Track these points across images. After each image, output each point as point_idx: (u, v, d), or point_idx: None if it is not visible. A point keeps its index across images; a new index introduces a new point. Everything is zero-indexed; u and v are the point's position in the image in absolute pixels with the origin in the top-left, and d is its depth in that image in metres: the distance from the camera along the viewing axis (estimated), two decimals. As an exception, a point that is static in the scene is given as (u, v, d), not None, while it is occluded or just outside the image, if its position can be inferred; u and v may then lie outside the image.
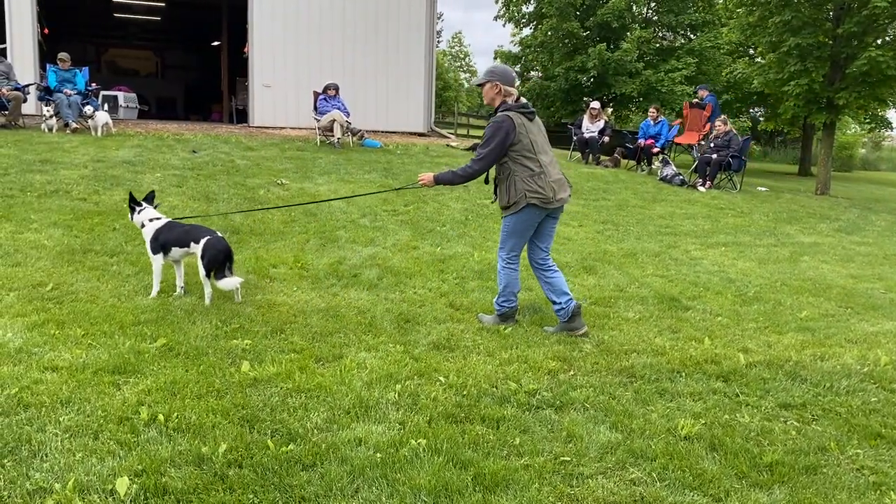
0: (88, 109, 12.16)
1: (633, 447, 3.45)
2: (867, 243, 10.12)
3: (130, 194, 5.73)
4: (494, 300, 5.41)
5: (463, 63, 56.45)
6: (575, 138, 16.09)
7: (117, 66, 25.78)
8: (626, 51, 24.79)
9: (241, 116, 17.93)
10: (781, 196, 14.33)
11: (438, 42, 55.04)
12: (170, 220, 5.60)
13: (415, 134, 17.12)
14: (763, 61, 19.34)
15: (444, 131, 19.50)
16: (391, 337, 4.84)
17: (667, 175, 13.82)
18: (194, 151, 11.35)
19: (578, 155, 15.95)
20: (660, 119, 15.44)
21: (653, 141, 15.10)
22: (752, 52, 24.87)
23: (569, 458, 3.30)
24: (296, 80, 15.72)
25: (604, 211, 10.50)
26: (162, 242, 5.39)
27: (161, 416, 3.42)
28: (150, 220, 5.50)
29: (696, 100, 16.28)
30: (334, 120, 12.89)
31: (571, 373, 4.43)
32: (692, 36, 28.59)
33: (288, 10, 15.99)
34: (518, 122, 5.00)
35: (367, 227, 8.07)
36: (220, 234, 5.42)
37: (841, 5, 16.03)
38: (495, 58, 30.71)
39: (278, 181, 9.73)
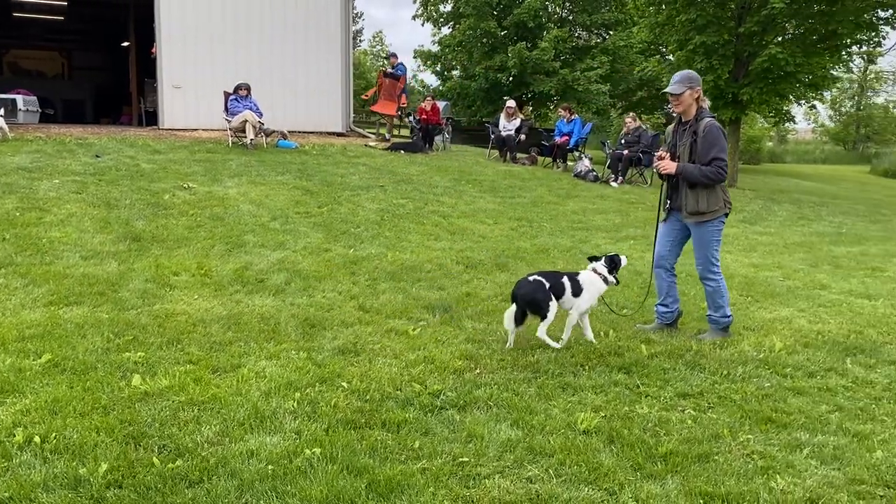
0: (-20, 114, 11.48)
1: (532, 444, 3.45)
2: (769, 233, 10.55)
3: None
4: (712, 315, 5.32)
5: (385, 63, 56.17)
6: (492, 136, 16.21)
7: (19, 68, 24.47)
8: (544, 50, 25.14)
9: (152, 119, 17.31)
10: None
11: (360, 41, 54.68)
12: None
13: (333, 134, 16.89)
14: (672, 59, 19.95)
15: (365, 131, 19.33)
16: (295, 343, 4.72)
17: (581, 171, 14.08)
18: (97, 156, 10.88)
19: (496, 153, 16.07)
20: (573, 118, 15.72)
21: (567, 138, 15.36)
22: (663, 50, 25.61)
23: (467, 459, 3.27)
24: (207, 81, 15.25)
25: (519, 208, 10.59)
26: None
27: (38, 438, 3.22)
28: None
29: (390, 69, 16.15)
30: (246, 120, 12.57)
31: (477, 371, 4.42)
32: (606, 35, 29.27)
33: (198, 8, 15.52)
34: None
35: (278, 230, 7.88)
36: None
37: (742, 5, 16.69)
38: (415, 57, 30.63)
39: (184, 185, 9.41)
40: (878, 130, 47.58)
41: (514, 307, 4.86)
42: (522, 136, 15.75)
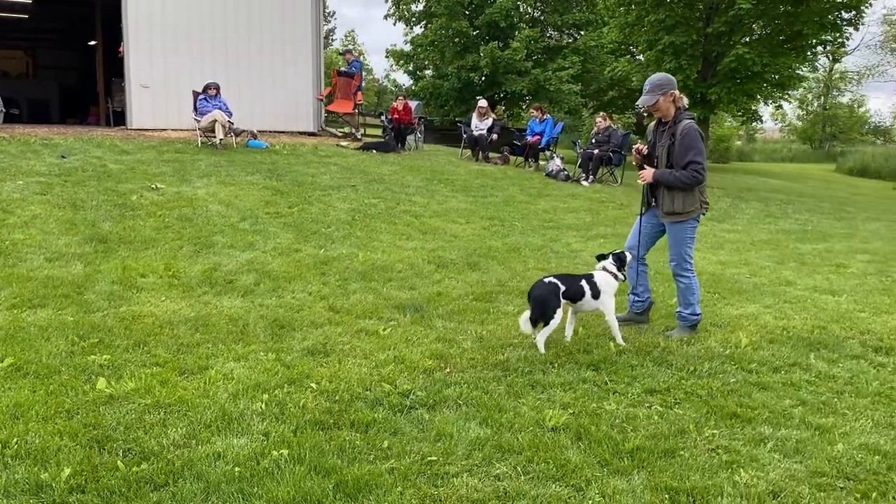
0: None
1: (500, 442, 3.47)
2: (737, 231, 10.70)
3: None
4: (682, 311, 5.38)
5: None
6: (465, 136, 16.23)
7: (-18, 67, 23.99)
8: (516, 50, 25.24)
9: (120, 119, 17.05)
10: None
11: (332, 40, 54.42)
12: None
13: (304, 133, 16.78)
14: (642, 59, 20.17)
15: (336, 131, 19.24)
16: (263, 345, 4.69)
17: (552, 170, 14.16)
18: (63, 157, 10.69)
19: (468, 152, 16.09)
20: (545, 117, 15.81)
21: (539, 138, 15.44)
22: (633, 50, 25.87)
23: (436, 458, 3.28)
24: (177, 80, 15.05)
25: (491, 207, 10.63)
26: None
27: (-2, 444, 3.16)
28: None
29: (344, 67, 16.11)
30: (215, 120, 12.45)
31: (448, 370, 4.43)
32: (577, 35, 29.47)
33: (166, 7, 15.32)
34: None
35: (247, 230, 7.82)
36: None
37: (710, 5, 16.94)
38: (387, 56, 30.58)
39: (153, 185, 9.30)
40: (844, 129, 48.49)
41: (528, 312, 4.86)
42: (494, 136, 15.79)
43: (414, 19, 30.15)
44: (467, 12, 27.14)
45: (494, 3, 26.19)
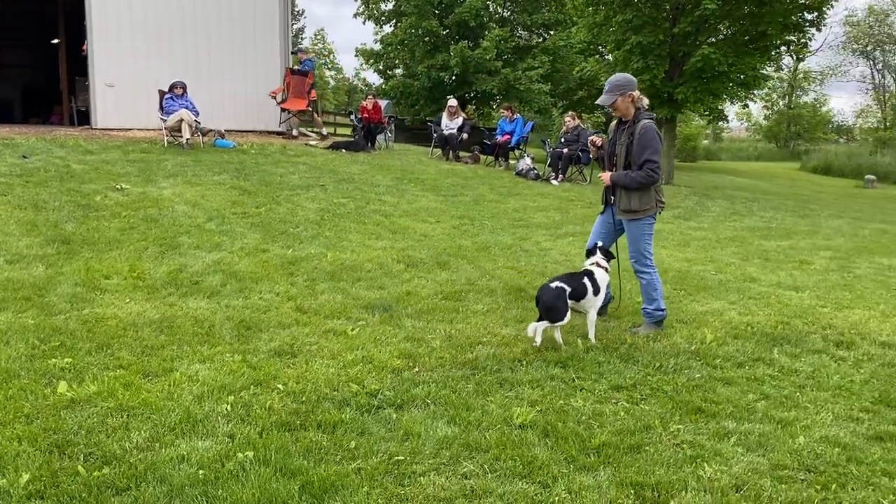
0: None
1: (468, 440, 3.47)
2: (703, 228, 10.84)
3: None
4: (647, 308, 5.43)
5: (327, 60, 55.71)
6: (435, 135, 16.23)
7: (-60, 66, 23.41)
8: (486, 49, 25.30)
9: (84, 118, 16.76)
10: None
11: (301, 39, 54.00)
12: None
13: (273, 133, 16.65)
14: (611, 59, 20.33)
15: (306, 130, 19.11)
16: (229, 346, 4.64)
17: (522, 169, 14.22)
18: (25, 157, 10.48)
19: (439, 152, 16.10)
20: (515, 117, 15.87)
21: (509, 137, 15.49)
22: (602, 50, 26.06)
23: (403, 458, 3.27)
24: (142, 79, 14.83)
25: (461, 206, 10.64)
26: None
27: (-46, 451, 3.09)
28: None
29: (297, 65, 16.00)
30: (182, 120, 12.30)
31: (416, 370, 4.42)
32: (546, 35, 29.64)
33: (132, 4, 15.09)
34: None
35: (214, 231, 7.73)
36: None
37: (676, 6, 17.12)
38: (356, 55, 30.47)
39: (117, 186, 9.15)
40: (808, 128, 49.38)
41: (534, 324, 4.89)
42: (465, 135, 15.82)
43: (384, 18, 30.08)
44: (437, 11, 27.16)
45: (464, 2, 26.23)
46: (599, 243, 5.50)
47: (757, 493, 3.12)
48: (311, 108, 15.68)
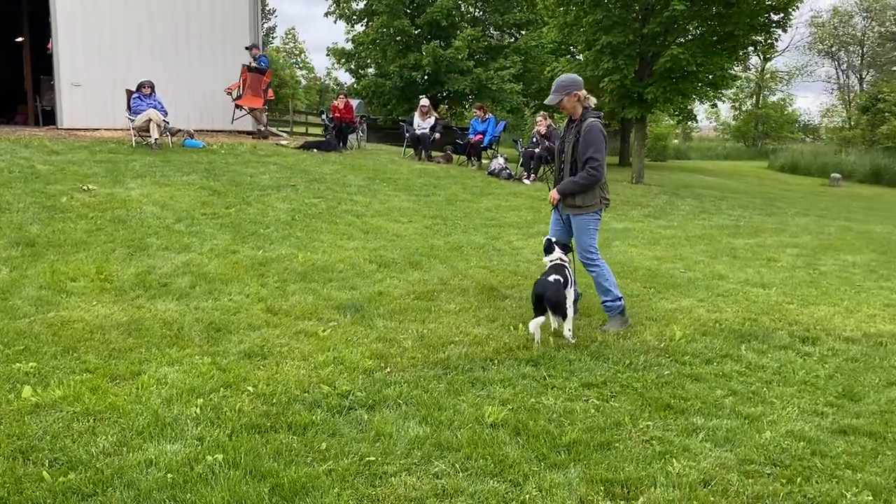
0: None
1: (440, 440, 3.47)
2: (672, 227, 10.96)
3: None
4: (605, 301, 5.50)
5: (299, 59, 55.39)
6: (407, 135, 16.21)
7: None
8: (458, 49, 25.32)
9: (49, 118, 16.46)
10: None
11: (273, 38, 53.62)
12: None
13: (244, 133, 16.50)
14: (581, 59, 20.45)
15: (277, 130, 18.97)
16: (199, 348, 4.60)
17: (495, 169, 14.27)
18: (-13, 157, 10.26)
19: (411, 151, 16.08)
20: (487, 116, 15.91)
21: (481, 137, 15.53)
22: (573, 50, 26.21)
23: (375, 458, 3.26)
24: (109, 79, 14.61)
25: (433, 206, 10.63)
26: None
27: (-87, 459, 3.02)
28: None
29: (252, 60, 15.61)
30: (150, 119, 12.13)
31: (388, 370, 4.41)
32: (518, 35, 29.75)
33: (99, 1, 14.85)
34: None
35: (183, 232, 7.64)
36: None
37: (646, 6, 17.27)
38: (328, 54, 30.31)
39: (84, 187, 9.01)
40: (775, 127, 50.16)
41: (542, 317, 4.93)
42: (437, 135, 15.82)
43: (355, 17, 29.93)
44: (409, 11, 27.11)
45: (435, 2, 26.22)
46: (554, 238, 5.59)
47: (724, 487, 3.16)
48: (266, 107, 15.57)
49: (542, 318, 4.93)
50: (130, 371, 4.15)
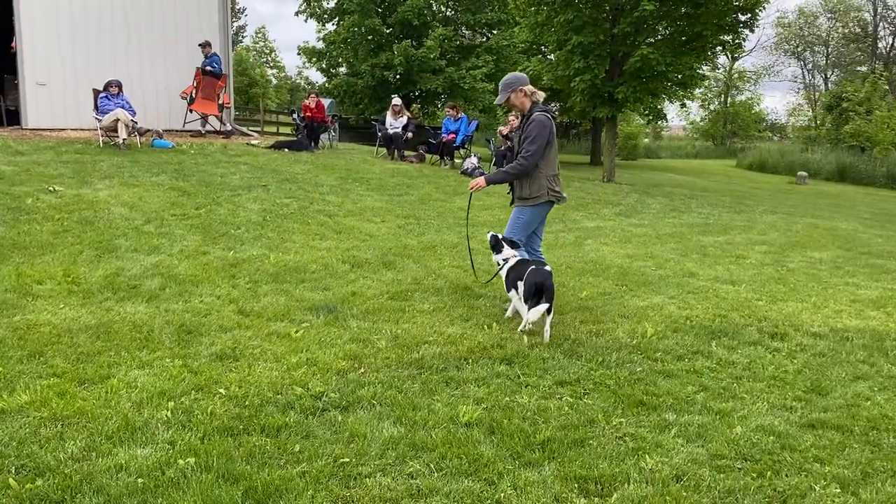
0: None
1: (414, 440, 3.47)
2: (643, 225, 11.07)
3: None
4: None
5: (269, 58, 54.99)
6: (380, 134, 16.17)
7: None
8: (430, 48, 25.33)
9: (14, 118, 16.13)
10: (571, 184, 15.31)
11: (243, 37, 53.16)
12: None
13: (213, 132, 16.33)
14: (553, 59, 20.55)
15: (248, 129, 18.81)
16: (169, 351, 4.53)
17: (467, 168, 14.28)
18: (-51, 158, 10.04)
19: (384, 151, 16.04)
20: (460, 116, 15.92)
21: (454, 136, 15.53)
22: (544, 49, 26.34)
23: (349, 459, 3.25)
24: (75, 78, 14.38)
25: (406, 206, 10.62)
26: None
27: None
28: None
29: (205, 59, 15.38)
30: (118, 119, 11.94)
31: (362, 371, 4.39)
32: (490, 34, 29.83)
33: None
34: (552, 126, 5.41)
35: (152, 233, 7.53)
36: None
37: (616, 6, 17.41)
38: (298, 53, 30.12)
39: (50, 188, 8.84)
40: (743, 126, 50.91)
41: (544, 304, 4.98)
42: (410, 134, 15.79)
43: (326, 16, 29.79)
44: (380, 10, 27.05)
45: (407, 1, 26.19)
46: (500, 235, 5.71)
47: (696, 482, 3.20)
48: (221, 113, 15.39)
49: (545, 305, 4.98)
50: (99, 375, 4.08)
